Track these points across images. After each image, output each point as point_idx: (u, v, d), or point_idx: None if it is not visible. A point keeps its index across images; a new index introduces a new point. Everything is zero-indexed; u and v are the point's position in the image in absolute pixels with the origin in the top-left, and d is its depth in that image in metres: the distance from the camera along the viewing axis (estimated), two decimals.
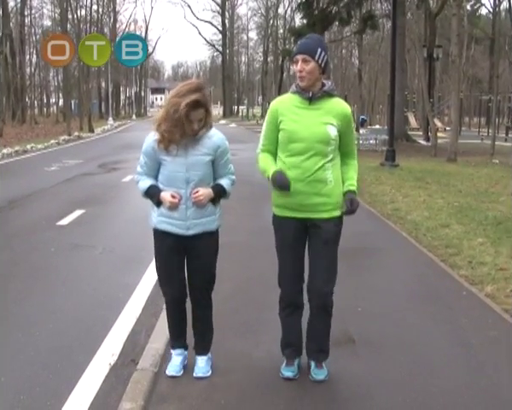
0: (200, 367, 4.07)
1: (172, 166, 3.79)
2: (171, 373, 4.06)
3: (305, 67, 3.72)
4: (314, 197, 3.80)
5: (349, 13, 28.89)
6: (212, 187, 3.89)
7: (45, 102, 74.38)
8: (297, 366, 4.08)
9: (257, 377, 4.05)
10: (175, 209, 3.80)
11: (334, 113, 3.81)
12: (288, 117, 3.82)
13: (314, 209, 3.82)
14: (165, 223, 3.86)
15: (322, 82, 3.83)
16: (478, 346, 4.61)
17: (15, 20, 52.58)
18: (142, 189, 3.90)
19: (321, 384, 3.95)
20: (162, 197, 3.81)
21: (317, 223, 3.84)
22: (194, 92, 3.64)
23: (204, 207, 3.85)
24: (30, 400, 3.87)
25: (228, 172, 4.00)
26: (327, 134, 3.76)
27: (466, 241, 7.94)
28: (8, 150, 23.06)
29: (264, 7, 74.84)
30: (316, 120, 3.78)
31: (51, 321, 5.22)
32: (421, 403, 3.74)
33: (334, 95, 3.87)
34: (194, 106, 3.62)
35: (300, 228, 3.89)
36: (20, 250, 7.74)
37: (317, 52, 3.72)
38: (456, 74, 21.78)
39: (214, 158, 3.87)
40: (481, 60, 58.44)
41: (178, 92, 3.68)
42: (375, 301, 5.59)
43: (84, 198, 11.92)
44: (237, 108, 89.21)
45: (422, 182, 14.07)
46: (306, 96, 3.80)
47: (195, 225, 3.86)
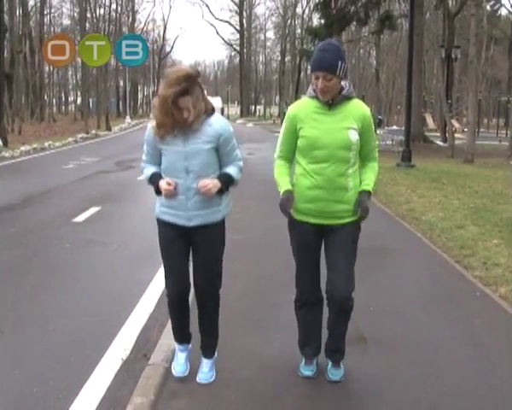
0: (204, 373, 3.99)
1: (171, 156, 3.71)
2: (178, 374, 4.00)
3: (327, 84, 3.61)
4: (335, 205, 3.75)
5: (367, 13, 28.79)
6: (218, 177, 3.77)
7: (63, 100, 75.04)
8: (316, 365, 4.06)
9: (268, 374, 4.06)
10: (171, 197, 3.72)
11: (353, 116, 3.74)
12: (307, 124, 3.74)
13: (334, 216, 3.78)
14: (167, 214, 3.81)
15: (341, 85, 3.72)
16: (490, 347, 4.59)
17: (35, 19, 53.10)
18: (146, 176, 3.87)
19: (332, 382, 3.95)
20: (160, 185, 3.73)
21: (334, 228, 3.80)
22: (183, 81, 3.51)
23: (211, 197, 3.73)
24: (43, 392, 3.91)
25: (235, 159, 3.86)
26: (348, 140, 3.69)
27: (481, 242, 7.89)
28: (26, 148, 23.29)
29: (282, 6, 74.88)
30: (336, 126, 3.70)
31: (65, 316, 5.27)
32: (432, 403, 3.73)
33: (352, 97, 3.79)
34: (181, 94, 3.52)
35: (317, 231, 3.84)
36: (35, 246, 7.82)
37: (338, 66, 3.59)
38: (473, 75, 21.64)
39: (217, 146, 3.74)
40: (501, 61, 57.94)
41: (167, 81, 3.56)
42: (387, 301, 5.58)
43: (100, 195, 12.02)
44: (254, 108, 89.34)
45: (438, 183, 14.00)
46: (326, 102, 3.72)
47: (197, 216, 3.76)
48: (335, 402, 3.74)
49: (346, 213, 3.78)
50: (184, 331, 4.08)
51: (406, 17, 33.59)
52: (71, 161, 19.28)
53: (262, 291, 5.87)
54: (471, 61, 21.31)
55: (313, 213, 3.79)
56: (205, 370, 4.01)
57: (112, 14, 63.68)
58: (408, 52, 19.01)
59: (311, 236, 3.85)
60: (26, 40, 45.86)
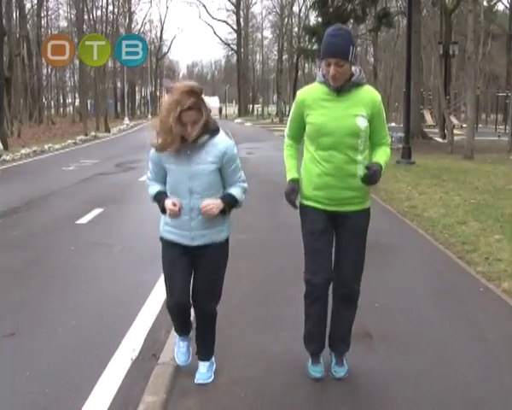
0: (201, 373, 4.00)
1: (176, 176, 3.70)
2: (181, 363, 4.07)
3: (339, 70, 3.57)
4: (344, 191, 3.73)
5: (364, 10, 28.75)
6: (221, 197, 3.73)
7: (62, 102, 75.01)
8: (323, 364, 4.03)
9: (276, 371, 4.11)
10: (175, 217, 3.72)
11: (363, 102, 3.69)
12: (315, 110, 3.71)
13: (344, 202, 3.76)
14: (171, 233, 3.81)
15: (351, 71, 3.68)
16: (495, 341, 4.64)
17: (32, 21, 53.10)
18: (151, 194, 3.86)
19: (339, 378, 3.99)
20: (165, 204, 3.73)
21: (345, 215, 3.78)
22: (189, 97, 3.49)
23: (214, 218, 3.71)
24: (54, 393, 3.96)
25: (238, 180, 3.81)
26: (356, 126, 3.65)
27: (483, 238, 7.94)
28: (26, 150, 23.33)
29: (279, 5, 74.79)
30: (344, 113, 3.66)
31: (73, 318, 5.32)
32: (438, 398, 3.77)
33: (363, 83, 3.74)
34: (186, 109, 3.50)
35: (329, 218, 3.80)
36: (40, 249, 7.86)
37: (350, 51, 3.55)
38: (471, 71, 21.68)
39: (220, 166, 3.70)
40: (498, 56, 57.94)
41: (172, 95, 3.54)
42: (391, 297, 5.63)
43: (102, 197, 12.07)
44: (252, 107, 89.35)
45: (439, 179, 14.05)
46: (334, 88, 3.67)
47: (200, 236, 3.75)
48: (343, 398, 3.79)
49: (356, 199, 3.77)
50: (184, 327, 4.09)
51: (403, 14, 33.64)
52: (71, 163, 19.33)
53: (267, 290, 5.91)
54: (469, 58, 21.35)
55: (322, 201, 3.77)
56: (202, 371, 4.02)
57: (109, 15, 63.77)
58: (406, 49, 19.07)
59: (323, 220, 3.80)
60: (24, 43, 45.88)
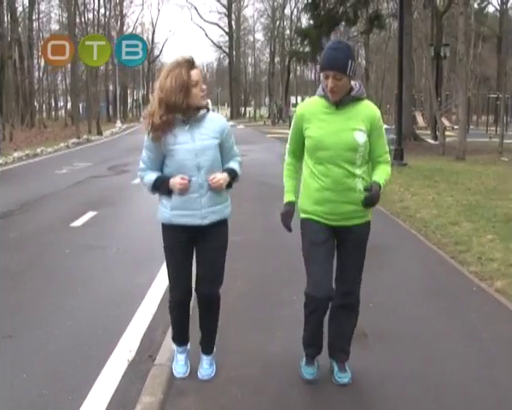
0: (205, 369, 4.06)
1: (182, 154, 3.67)
2: (179, 375, 4.06)
3: (338, 83, 3.55)
4: (344, 206, 3.70)
5: (356, 13, 28.90)
6: (225, 171, 3.83)
7: (53, 105, 74.83)
8: (317, 367, 4.03)
9: (273, 371, 4.14)
10: (186, 193, 3.68)
11: (361, 117, 3.67)
12: (313, 124, 3.69)
13: (344, 217, 3.73)
14: (181, 216, 3.74)
15: (351, 85, 3.67)
16: (488, 340, 4.69)
17: (23, 24, 52.96)
18: (149, 181, 3.76)
19: (344, 384, 3.97)
20: (171, 183, 3.68)
21: (345, 230, 3.76)
22: (187, 59, 3.63)
23: (220, 192, 3.79)
24: (52, 395, 3.98)
25: (235, 154, 3.96)
26: (354, 141, 3.62)
27: (475, 238, 8.00)
28: (19, 154, 23.25)
29: (271, 8, 74.99)
30: (342, 126, 3.64)
31: (69, 320, 5.33)
32: (433, 396, 3.81)
33: (362, 98, 3.73)
34: (191, 67, 3.61)
35: (330, 231, 3.78)
36: (35, 252, 7.85)
37: (348, 66, 3.52)
38: (463, 73, 21.81)
39: (221, 141, 3.80)
40: (489, 58, 58.27)
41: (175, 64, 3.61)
42: (386, 297, 5.67)
43: (96, 200, 12.06)
44: (244, 110, 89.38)
45: (431, 180, 14.12)
46: (333, 102, 3.66)
47: (211, 213, 3.76)
48: (339, 397, 3.82)
49: (357, 213, 3.73)
50: (184, 334, 4.15)
51: (395, 16, 33.82)
52: (64, 166, 19.28)
53: (263, 290, 5.94)
54: (460, 59, 21.45)
55: (322, 215, 3.74)
56: (205, 366, 4.08)
57: (100, 18, 63.64)
58: (398, 51, 19.14)
59: (324, 234, 3.76)
60: (16, 46, 45.73)
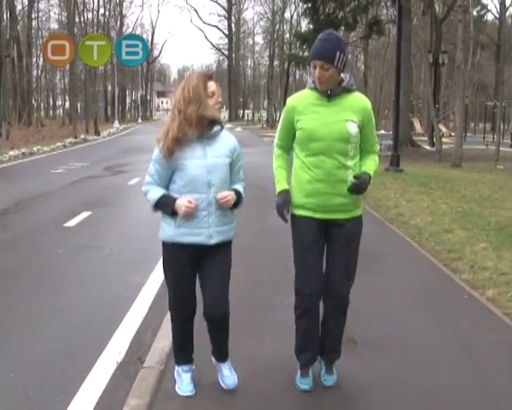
0: (228, 377, 3.91)
1: (194, 170, 3.54)
2: (186, 393, 3.84)
3: (325, 74, 3.58)
4: (335, 198, 3.69)
5: (355, 18, 28.95)
6: (232, 191, 3.70)
7: (51, 104, 74.80)
8: (312, 377, 3.99)
9: (261, 375, 4.13)
10: (191, 217, 3.55)
11: (353, 108, 3.69)
12: (305, 115, 3.69)
13: (335, 210, 3.72)
14: (187, 234, 3.60)
15: (341, 77, 3.69)
16: (478, 349, 4.68)
17: (22, 23, 52.98)
18: (153, 199, 3.60)
19: (328, 387, 3.98)
20: (178, 204, 3.52)
21: (337, 223, 3.75)
22: (209, 81, 3.58)
23: (227, 212, 3.69)
24: (39, 395, 3.96)
25: (240, 179, 3.82)
26: (347, 132, 3.64)
27: (468, 246, 8.01)
28: (15, 152, 23.24)
29: (271, 11, 74.94)
30: (335, 118, 3.65)
31: (59, 320, 5.32)
32: (422, 404, 3.81)
33: (353, 90, 3.75)
34: (209, 78, 3.59)
35: (320, 229, 3.76)
36: (28, 251, 7.84)
37: (336, 57, 3.56)
38: (460, 80, 21.85)
39: (232, 161, 3.70)
40: (487, 65, 58.44)
41: (192, 75, 3.61)
42: (377, 304, 5.67)
43: (91, 200, 12.05)
44: (243, 112, 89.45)
45: (426, 187, 14.14)
46: (325, 93, 3.67)
47: (217, 233, 3.65)
48: (327, 404, 3.81)
49: (348, 206, 3.73)
50: (188, 352, 3.98)
51: (394, 22, 33.85)
52: (60, 165, 19.28)
53: (256, 295, 5.93)
54: (458, 67, 21.53)
55: (314, 208, 3.73)
56: (228, 373, 3.93)
57: (100, 18, 63.67)
58: (396, 57, 19.20)
59: (314, 232, 3.76)
60: (14, 44, 45.71)
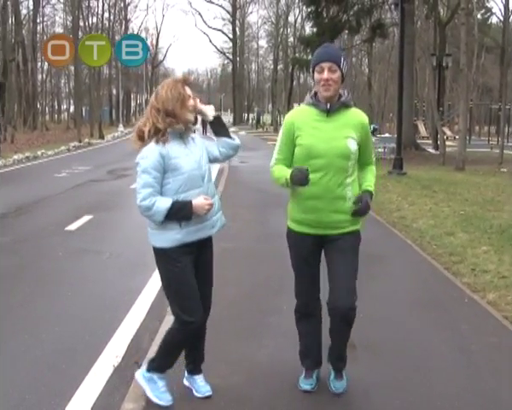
0: (202, 386, 3.89)
1: (189, 165, 3.57)
2: (168, 403, 3.73)
3: (332, 76, 3.58)
4: (333, 215, 3.68)
5: (358, 21, 28.89)
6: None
7: (56, 108, 74.97)
8: (315, 378, 4.00)
9: (258, 379, 4.11)
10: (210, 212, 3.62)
11: (352, 124, 3.68)
12: (305, 131, 3.67)
13: (332, 226, 3.71)
14: (194, 231, 3.59)
15: (339, 92, 3.69)
16: (478, 352, 4.65)
17: (28, 27, 53.10)
18: (164, 208, 3.45)
19: (320, 387, 3.98)
20: (197, 205, 3.51)
21: (334, 238, 3.74)
22: (186, 85, 3.62)
23: (216, 194, 3.81)
24: (35, 399, 3.95)
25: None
26: (347, 148, 3.62)
27: (470, 249, 7.97)
28: (18, 156, 23.29)
29: (275, 15, 74.91)
30: (335, 134, 3.64)
31: (57, 323, 5.32)
32: (419, 406, 3.79)
33: (350, 105, 3.74)
34: (186, 83, 3.62)
35: (316, 243, 3.78)
36: (28, 254, 7.85)
37: (342, 60, 3.61)
38: (464, 83, 21.80)
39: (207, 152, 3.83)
40: (492, 69, 58.27)
41: (170, 80, 3.66)
42: (377, 307, 5.63)
43: (92, 204, 12.06)
44: (247, 116, 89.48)
45: (429, 190, 14.09)
46: (324, 109, 3.66)
47: (217, 219, 3.73)
48: (325, 407, 3.79)
49: (346, 223, 3.72)
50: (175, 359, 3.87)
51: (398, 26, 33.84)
52: (63, 169, 19.30)
53: (253, 298, 5.91)
54: (462, 70, 21.47)
55: (311, 224, 3.73)
56: (202, 383, 3.91)
57: (104, 22, 63.78)
58: (399, 60, 19.15)
59: (310, 248, 3.78)
60: (19, 49, 45.84)
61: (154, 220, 3.53)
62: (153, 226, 3.60)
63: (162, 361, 3.78)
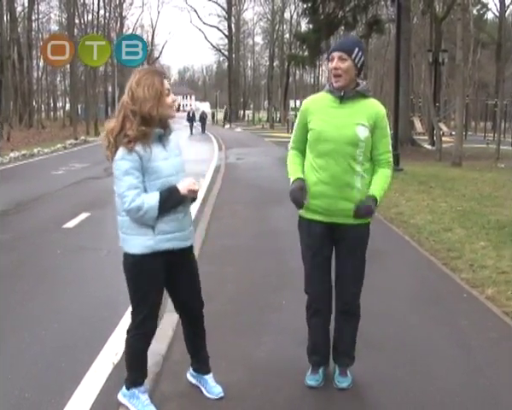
0: (216, 387, 3.83)
1: (167, 170, 3.39)
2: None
3: (341, 66, 3.60)
4: (341, 202, 3.69)
5: (355, 17, 28.87)
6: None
7: (52, 106, 74.83)
8: (322, 374, 4.00)
9: (257, 376, 4.11)
10: (171, 221, 3.40)
11: (366, 113, 3.68)
12: (317, 116, 3.72)
13: (341, 214, 3.72)
14: (167, 240, 3.43)
15: (357, 82, 3.71)
16: (477, 348, 4.66)
17: (23, 24, 52.95)
18: (155, 202, 3.30)
19: (342, 389, 3.94)
20: (185, 187, 3.38)
21: (343, 228, 3.76)
22: (164, 79, 3.39)
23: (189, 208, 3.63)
24: (34, 397, 3.95)
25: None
26: (356, 135, 3.63)
27: (468, 244, 7.99)
28: (15, 154, 23.22)
29: (270, 12, 74.95)
30: (345, 121, 3.66)
31: (57, 321, 5.31)
32: (419, 402, 3.79)
33: (368, 96, 3.76)
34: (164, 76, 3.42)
35: (327, 232, 3.79)
36: (26, 252, 7.84)
37: (355, 51, 3.61)
38: (460, 79, 21.80)
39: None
40: (488, 64, 58.37)
41: (147, 72, 3.43)
42: (376, 303, 5.62)
43: (90, 201, 12.03)
44: (243, 113, 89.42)
45: (426, 186, 14.11)
46: (338, 95, 3.69)
47: (190, 232, 3.58)
48: (324, 403, 3.80)
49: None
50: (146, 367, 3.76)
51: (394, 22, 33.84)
52: (60, 167, 19.25)
53: (252, 295, 5.91)
54: (458, 65, 21.48)
55: (319, 210, 3.74)
56: (214, 384, 3.86)
57: (100, 19, 63.57)
58: (395, 56, 19.14)
59: (320, 237, 3.79)
60: (15, 46, 45.71)
61: (147, 219, 3.35)
62: (124, 231, 3.46)
63: (134, 374, 3.67)
